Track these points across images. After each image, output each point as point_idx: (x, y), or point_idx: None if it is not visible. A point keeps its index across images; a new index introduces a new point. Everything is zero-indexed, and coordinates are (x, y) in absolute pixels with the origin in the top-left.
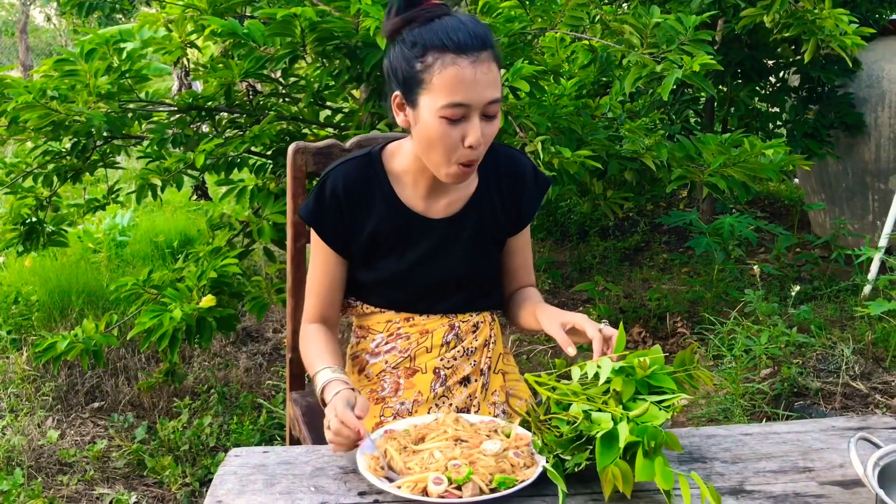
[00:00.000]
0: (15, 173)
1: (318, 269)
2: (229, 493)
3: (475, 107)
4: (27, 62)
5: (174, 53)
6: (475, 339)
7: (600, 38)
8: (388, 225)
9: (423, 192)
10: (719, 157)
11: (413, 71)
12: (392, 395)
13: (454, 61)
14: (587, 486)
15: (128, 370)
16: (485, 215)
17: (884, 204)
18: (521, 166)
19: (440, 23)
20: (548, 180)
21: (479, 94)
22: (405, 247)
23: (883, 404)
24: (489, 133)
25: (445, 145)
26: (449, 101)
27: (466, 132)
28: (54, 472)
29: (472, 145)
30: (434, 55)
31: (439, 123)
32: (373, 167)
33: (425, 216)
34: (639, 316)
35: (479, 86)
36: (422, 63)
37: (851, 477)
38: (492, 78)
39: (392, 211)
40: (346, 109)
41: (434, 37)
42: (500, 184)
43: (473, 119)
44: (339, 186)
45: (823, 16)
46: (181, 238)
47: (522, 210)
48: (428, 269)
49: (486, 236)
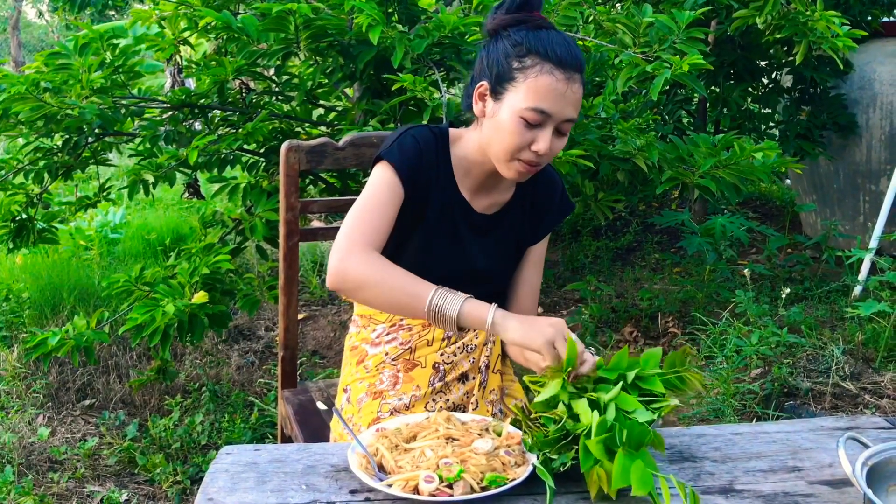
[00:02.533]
0: (5, 170)
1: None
2: (220, 491)
3: (554, 118)
4: (19, 58)
5: (167, 50)
6: (476, 337)
7: (593, 38)
8: (440, 199)
9: (473, 185)
10: (710, 160)
11: (510, 67)
12: (390, 389)
13: (551, 71)
14: (577, 484)
15: (119, 368)
16: (515, 221)
17: (874, 205)
18: (555, 186)
19: (547, 33)
20: (571, 205)
21: (561, 108)
22: (446, 225)
23: (872, 404)
24: (557, 148)
25: (515, 144)
26: (534, 105)
27: (537, 138)
28: (45, 469)
29: (538, 151)
30: (534, 59)
31: (517, 122)
32: (443, 142)
33: (471, 206)
34: (630, 316)
35: (565, 101)
36: (520, 62)
37: (840, 476)
38: (577, 99)
39: (446, 189)
40: (339, 108)
41: (539, 44)
42: (533, 197)
43: (548, 129)
44: (421, 142)
45: (815, 18)
46: (173, 236)
47: (540, 227)
48: (455, 255)
49: (511, 241)
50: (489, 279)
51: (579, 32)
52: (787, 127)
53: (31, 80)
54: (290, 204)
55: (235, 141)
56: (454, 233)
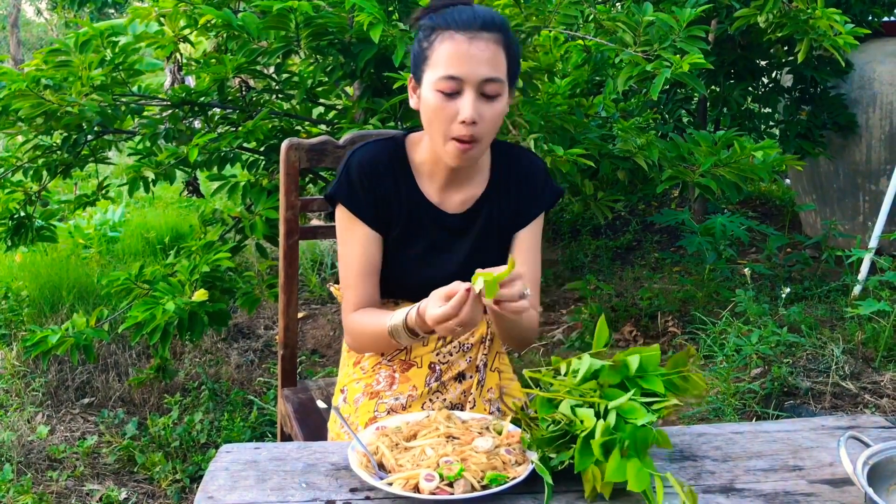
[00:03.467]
0: (4, 167)
1: (356, 252)
2: (220, 489)
3: (468, 81)
4: (18, 56)
5: (167, 48)
6: (472, 336)
7: (594, 37)
8: (405, 210)
9: (440, 184)
10: (710, 158)
11: (420, 49)
12: (387, 389)
13: (451, 37)
14: (577, 483)
15: (118, 366)
16: (493, 214)
17: (874, 205)
18: (535, 171)
19: (452, 8)
20: (559, 191)
21: (472, 68)
22: (416, 236)
23: (872, 404)
24: (489, 114)
25: (440, 118)
26: (442, 74)
27: (459, 107)
28: (44, 467)
29: (464, 120)
30: (437, 33)
31: (435, 97)
32: (397, 152)
33: (440, 208)
34: (630, 315)
35: (472, 60)
36: (427, 41)
37: (841, 475)
38: (489, 56)
39: (410, 198)
40: (340, 106)
41: (440, 18)
42: (509, 185)
43: (467, 94)
44: (365, 163)
45: (817, 16)
46: (172, 234)
47: (525, 214)
48: (434, 260)
49: (492, 235)
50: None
51: (579, 31)
52: (788, 126)
53: (31, 77)
54: (291, 202)
55: (235, 139)
56: (429, 240)
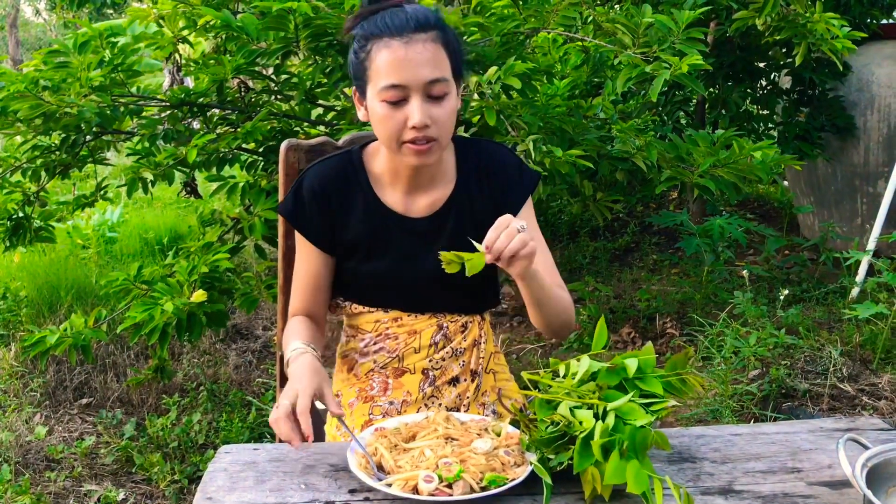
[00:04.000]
0: (3, 168)
1: (302, 267)
2: (220, 490)
3: (412, 87)
4: (17, 57)
5: (166, 49)
6: (464, 340)
7: (592, 39)
8: (367, 225)
9: (403, 191)
10: (709, 159)
11: (358, 62)
12: (381, 395)
13: (387, 44)
14: (576, 484)
15: (116, 367)
16: (464, 212)
17: (872, 207)
18: (504, 160)
19: (382, 13)
20: (535, 175)
21: (413, 73)
22: (385, 247)
23: (870, 406)
24: (439, 114)
25: (389, 129)
26: (384, 84)
27: (408, 114)
28: (42, 468)
29: (415, 126)
30: (371, 42)
31: (381, 107)
32: (352, 166)
33: (405, 215)
34: (628, 316)
35: (412, 65)
36: (364, 52)
37: (840, 477)
38: (428, 57)
39: (370, 211)
40: (338, 107)
41: (373, 26)
42: (479, 179)
43: (414, 100)
44: (315, 184)
45: (815, 19)
46: (170, 235)
47: (507, 204)
48: (409, 268)
49: (469, 232)
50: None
51: (578, 33)
52: (786, 128)
53: (30, 78)
54: None
55: (234, 140)
56: (398, 249)
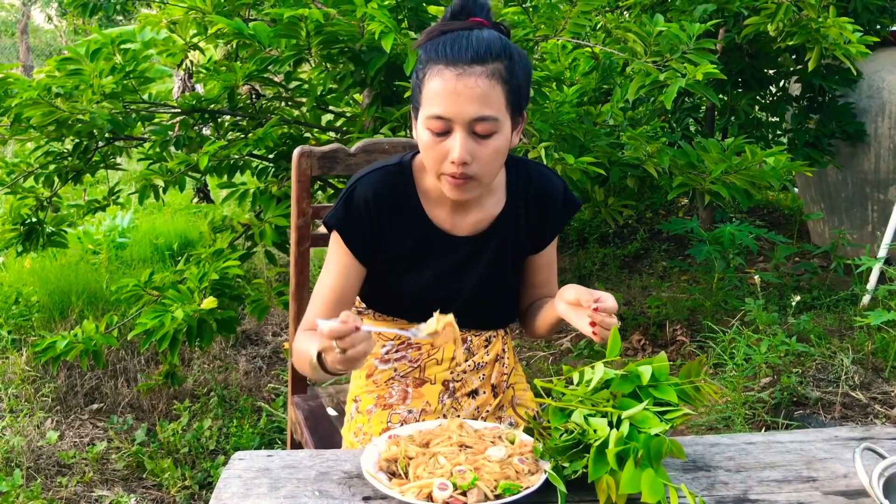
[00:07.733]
0: (16, 173)
1: (330, 278)
2: (234, 497)
3: (456, 121)
4: (28, 63)
5: (177, 56)
6: (486, 354)
7: (603, 46)
8: (412, 239)
9: (449, 208)
10: (721, 165)
11: (417, 81)
12: (400, 403)
13: (440, 72)
14: (590, 492)
15: (127, 372)
16: (508, 235)
17: (883, 214)
18: (552, 187)
19: (445, 36)
20: (577, 203)
21: (459, 108)
22: (426, 263)
23: (882, 414)
24: (482, 153)
25: (431, 158)
26: (429, 113)
27: (450, 147)
28: (53, 473)
29: (454, 161)
30: (428, 67)
31: (425, 134)
32: (403, 178)
33: (450, 233)
34: (638, 323)
35: (460, 99)
36: (422, 75)
37: (856, 487)
38: (479, 93)
39: (417, 226)
40: (349, 114)
41: (434, 50)
42: (528, 204)
43: (456, 134)
44: (369, 195)
45: (828, 24)
46: (181, 240)
47: (546, 231)
48: (445, 286)
49: (505, 256)
50: (488, 300)
51: (588, 40)
52: (796, 135)
53: (42, 86)
54: (302, 209)
55: (245, 146)
56: (438, 266)
